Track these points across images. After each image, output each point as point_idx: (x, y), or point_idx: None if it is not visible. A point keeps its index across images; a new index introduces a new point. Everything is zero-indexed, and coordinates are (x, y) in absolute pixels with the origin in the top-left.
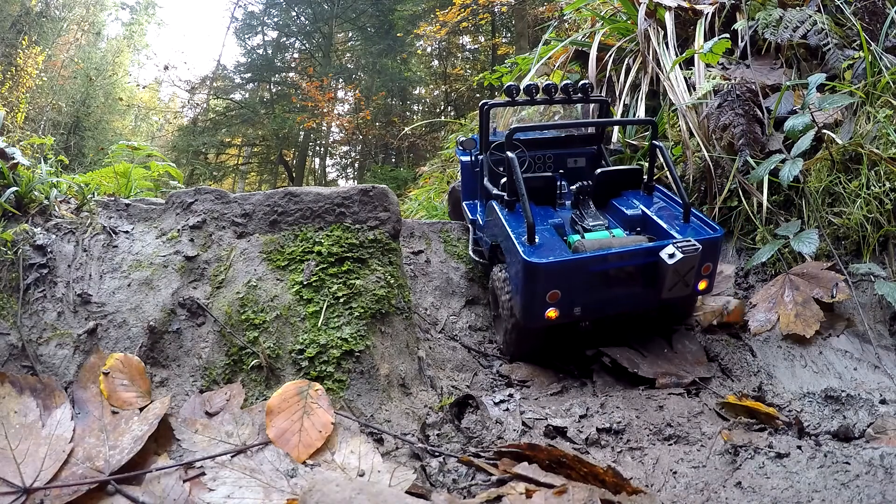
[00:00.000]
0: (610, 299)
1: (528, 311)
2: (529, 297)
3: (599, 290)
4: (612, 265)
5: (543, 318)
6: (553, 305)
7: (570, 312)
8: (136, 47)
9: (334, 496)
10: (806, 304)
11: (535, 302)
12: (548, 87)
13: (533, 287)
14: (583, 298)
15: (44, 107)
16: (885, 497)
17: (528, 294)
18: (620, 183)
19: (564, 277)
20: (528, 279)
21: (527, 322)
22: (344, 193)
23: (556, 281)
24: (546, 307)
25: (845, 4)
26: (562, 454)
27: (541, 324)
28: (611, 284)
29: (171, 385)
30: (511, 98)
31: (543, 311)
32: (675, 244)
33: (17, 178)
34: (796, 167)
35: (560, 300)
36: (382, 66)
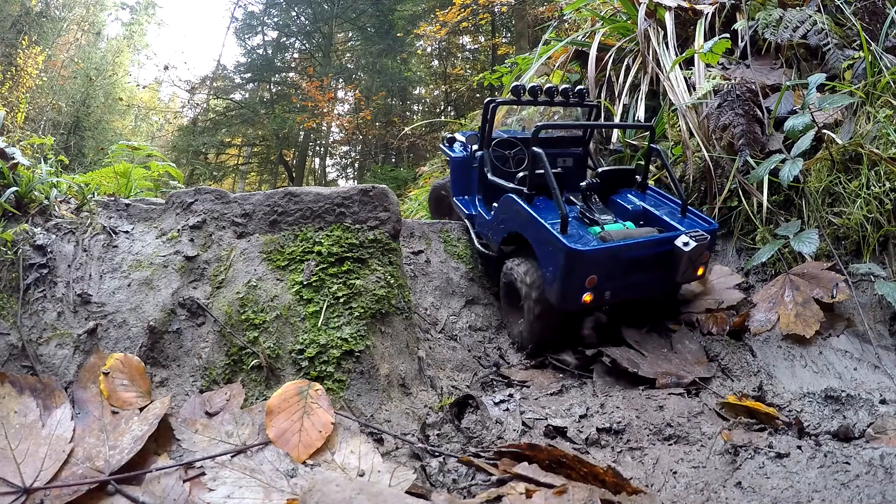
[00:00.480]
0: (633, 284)
1: (567, 295)
2: (568, 283)
3: (625, 275)
4: (638, 253)
5: (580, 302)
6: (589, 290)
7: (602, 297)
8: (136, 47)
9: (334, 496)
10: (806, 304)
11: (574, 287)
12: (549, 90)
13: (573, 273)
14: (612, 283)
15: (44, 107)
16: (885, 497)
17: (568, 280)
18: (618, 181)
19: (601, 264)
20: (569, 266)
21: (563, 306)
22: (344, 193)
23: (594, 267)
24: (583, 292)
25: (845, 4)
26: (562, 454)
27: (577, 307)
28: (634, 270)
29: (171, 385)
30: (517, 97)
31: (581, 295)
32: (687, 234)
33: (17, 178)
34: (796, 167)
35: (595, 285)
36: (382, 66)
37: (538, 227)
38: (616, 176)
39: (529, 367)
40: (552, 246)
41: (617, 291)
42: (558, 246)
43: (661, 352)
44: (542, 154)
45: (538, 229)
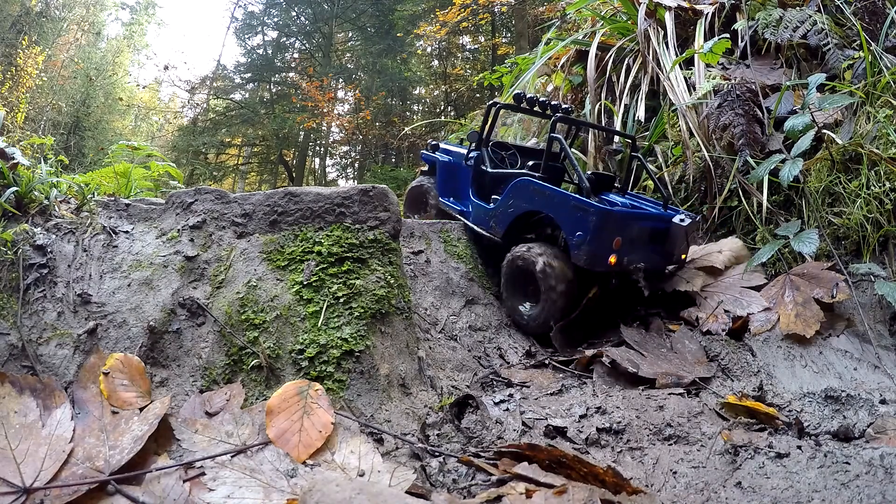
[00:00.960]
0: (643, 254)
1: (597, 255)
2: (598, 243)
3: (638, 245)
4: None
5: (607, 262)
6: (615, 252)
7: (622, 261)
8: (136, 47)
9: (334, 496)
10: (806, 304)
11: (603, 247)
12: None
13: (603, 233)
14: (628, 251)
15: (44, 107)
16: (885, 497)
17: (598, 240)
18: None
19: (624, 227)
20: (601, 226)
21: (593, 265)
22: (344, 193)
23: (619, 228)
24: (610, 253)
25: (845, 4)
26: (562, 454)
27: (604, 268)
28: (643, 241)
29: (171, 385)
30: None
31: (608, 255)
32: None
33: (17, 178)
34: (796, 167)
35: (620, 248)
36: (382, 66)
37: (565, 199)
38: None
39: (529, 367)
40: (581, 211)
41: (632, 259)
42: (589, 209)
43: (661, 352)
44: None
45: (566, 201)
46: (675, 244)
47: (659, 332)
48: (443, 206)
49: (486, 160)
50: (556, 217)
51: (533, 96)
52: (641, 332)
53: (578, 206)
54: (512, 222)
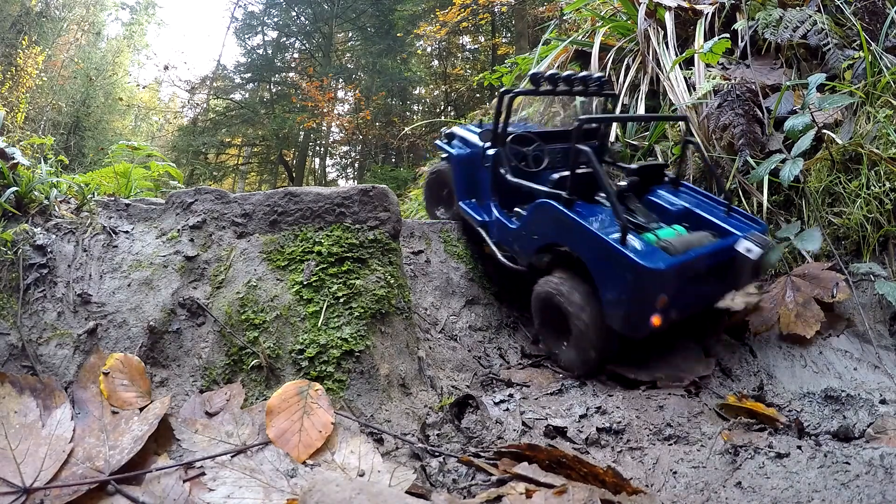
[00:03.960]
0: (696, 298)
1: (634, 321)
2: (637, 306)
3: (690, 289)
4: (705, 264)
5: (648, 326)
6: (659, 311)
7: (669, 317)
8: (136, 47)
9: (334, 496)
10: (807, 304)
11: (643, 310)
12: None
13: (644, 294)
14: (678, 301)
15: (44, 107)
16: (885, 497)
17: (637, 303)
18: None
19: (673, 281)
20: (640, 286)
21: (629, 332)
22: (344, 193)
23: (667, 285)
24: (653, 314)
25: (845, 4)
26: (562, 454)
27: (644, 333)
28: (697, 283)
29: (171, 385)
30: (536, 86)
31: (650, 318)
32: (748, 239)
33: (17, 178)
34: (797, 167)
35: (664, 306)
36: (382, 66)
37: (593, 240)
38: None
39: (529, 367)
40: (615, 263)
41: (680, 309)
42: (625, 263)
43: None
44: (589, 152)
45: (594, 243)
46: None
47: None
48: (462, 213)
49: (503, 162)
50: (584, 259)
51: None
52: None
53: (611, 256)
54: (536, 252)
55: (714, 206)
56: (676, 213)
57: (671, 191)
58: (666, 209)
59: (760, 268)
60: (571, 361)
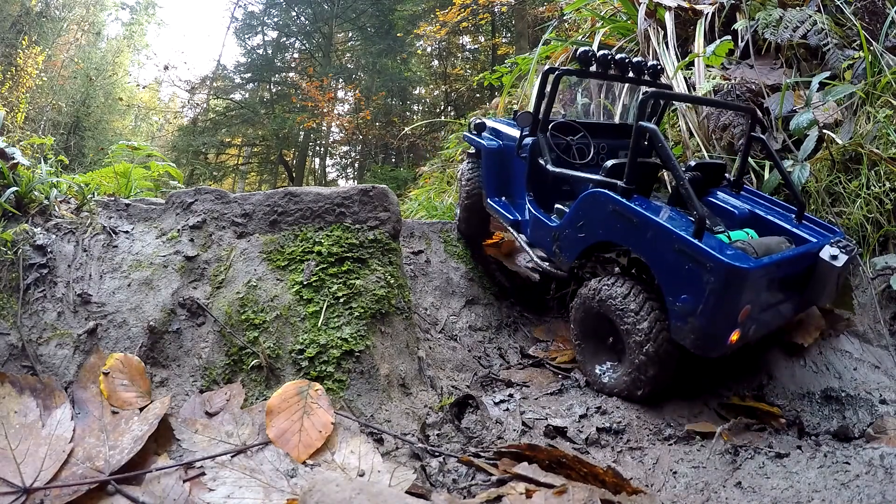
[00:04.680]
0: (775, 312)
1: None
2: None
3: (769, 302)
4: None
5: (726, 344)
6: (739, 326)
7: (747, 333)
8: (136, 47)
9: (334, 496)
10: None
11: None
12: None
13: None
14: (758, 313)
15: (44, 107)
16: (885, 497)
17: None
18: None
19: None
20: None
21: (704, 350)
22: (344, 193)
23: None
24: (733, 328)
25: (845, 4)
26: (562, 454)
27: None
28: (777, 295)
29: (171, 385)
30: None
31: (729, 334)
32: (833, 245)
33: (17, 178)
34: (805, 171)
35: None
36: (382, 66)
37: (664, 235)
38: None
39: (528, 367)
40: (692, 263)
41: (760, 324)
42: (706, 263)
43: None
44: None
45: (664, 239)
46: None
47: None
48: (490, 211)
49: (544, 151)
50: (649, 261)
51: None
52: None
53: (688, 253)
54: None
55: (783, 211)
56: (742, 218)
57: (732, 194)
58: (730, 212)
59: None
60: (619, 383)
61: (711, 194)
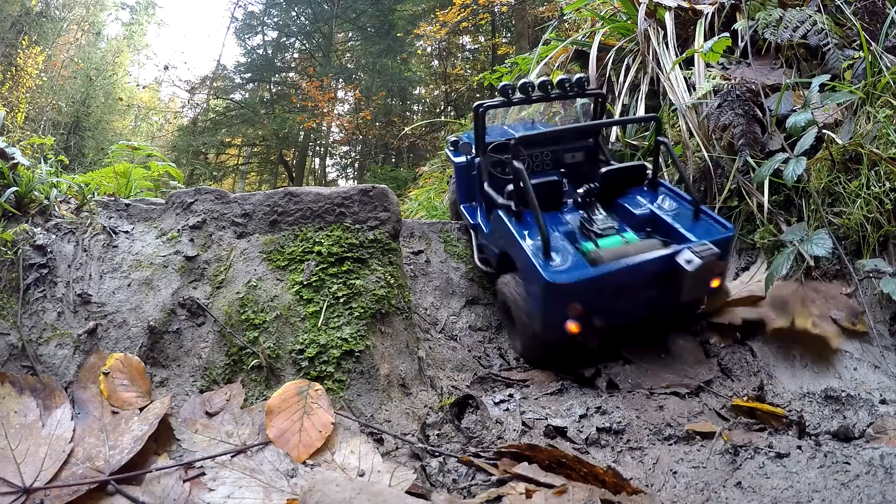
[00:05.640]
0: (629, 307)
1: (549, 326)
2: (549, 313)
3: (619, 299)
4: (631, 277)
5: (564, 331)
6: (574, 319)
7: (591, 324)
8: (136, 47)
9: (334, 496)
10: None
11: (555, 317)
12: (543, 84)
13: (553, 304)
14: (603, 309)
15: (44, 107)
16: (885, 497)
17: (548, 310)
18: (625, 181)
19: (585, 292)
20: (548, 297)
21: (547, 335)
22: (344, 193)
23: (576, 297)
24: (566, 321)
25: (845, 4)
26: (562, 454)
27: (562, 337)
28: (630, 293)
29: (171, 385)
30: (507, 98)
31: (564, 324)
32: (692, 249)
33: (17, 178)
34: (800, 166)
35: (581, 314)
36: (382, 66)
37: (520, 250)
38: (622, 175)
39: (528, 367)
40: (530, 273)
41: (610, 317)
42: (534, 275)
43: (659, 358)
44: (521, 170)
45: (519, 252)
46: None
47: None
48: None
49: (482, 172)
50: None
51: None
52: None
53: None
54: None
55: (687, 208)
56: (640, 219)
57: (647, 193)
58: (632, 214)
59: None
60: (523, 351)
61: (629, 195)
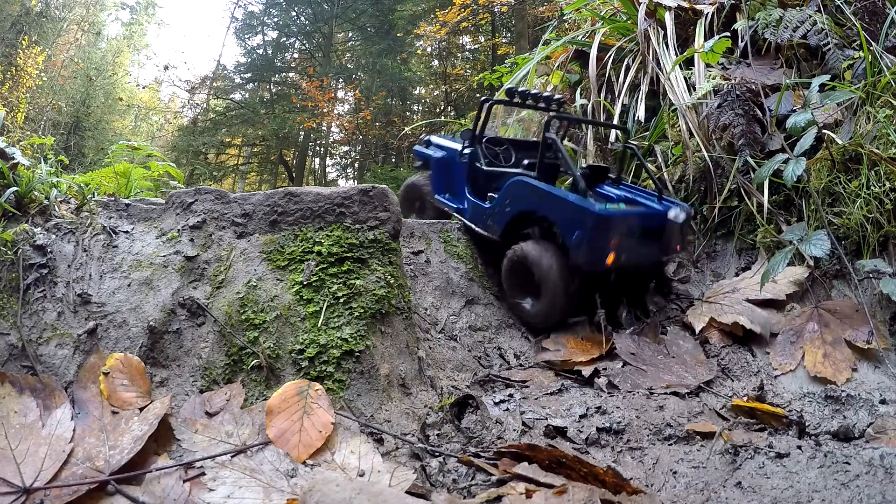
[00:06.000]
0: (639, 251)
1: (594, 256)
2: (596, 244)
3: (633, 242)
4: (643, 222)
5: (605, 262)
6: (612, 251)
7: (619, 259)
8: (136, 47)
9: (334, 496)
10: (836, 344)
11: (600, 247)
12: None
13: (600, 235)
14: (625, 248)
15: (44, 107)
16: (885, 497)
17: (596, 241)
18: (596, 177)
19: (621, 228)
20: (598, 228)
21: (590, 266)
22: (344, 193)
23: (617, 230)
24: (608, 253)
25: (845, 4)
26: (562, 454)
27: (602, 268)
28: (639, 238)
29: (171, 385)
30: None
31: (606, 256)
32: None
33: (17, 178)
34: (800, 166)
35: (617, 247)
36: (382, 66)
37: (561, 200)
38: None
39: (528, 367)
40: (579, 213)
41: (627, 257)
42: (586, 212)
43: (659, 359)
44: (556, 139)
45: (561, 202)
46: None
47: (654, 333)
48: (438, 204)
49: (480, 157)
50: (553, 218)
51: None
52: (634, 339)
53: (576, 209)
54: (509, 222)
55: (649, 196)
56: (617, 199)
57: (614, 186)
58: (610, 196)
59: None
60: (537, 314)
61: (598, 187)
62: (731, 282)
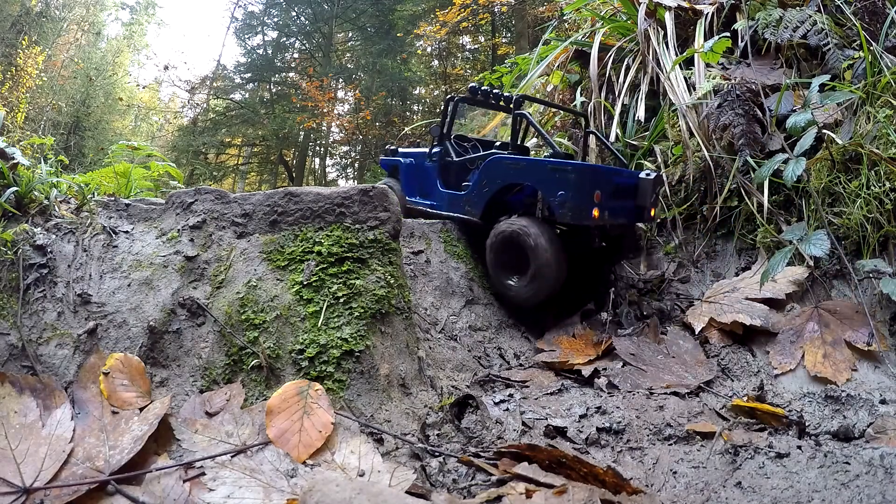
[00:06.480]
0: (619, 208)
1: (580, 209)
2: (581, 197)
3: (614, 200)
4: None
5: (591, 216)
6: (597, 205)
7: (604, 215)
8: (136, 47)
9: (334, 496)
10: (836, 344)
11: (585, 200)
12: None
13: (584, 189)
14: (607, 205)
15: (44, 107)
16: (885, 497)
17: (580, 194)
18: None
19: (601, 181)
20: (582, 181)
21: (578, 219)
22: (344, 193)
23: (598, 183)
24: (593, 206)
25: (845, 4)
26: (562, 454)
27: (589, 221)
28: (617, 196)
29: (171, 385)
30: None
31: (591, 209)
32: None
33: (17, 178)
34: (800, 166)
35: (600, 201)
36: (382, 66)
37: (540, 165)
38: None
39: (528, 367)
40: (560, 172)
41: (610, 213)
42: (569, 169)
43: (659, 359)
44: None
45: (541, 166)
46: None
47: (654, 333)
48: (410, 205)
49: (451, 151)
50: (536, 184)
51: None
52: (634, 340)
53: (556, 168)
54: (489, 201)
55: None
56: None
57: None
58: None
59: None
60: (525, 291)
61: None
62: (730, 281)
